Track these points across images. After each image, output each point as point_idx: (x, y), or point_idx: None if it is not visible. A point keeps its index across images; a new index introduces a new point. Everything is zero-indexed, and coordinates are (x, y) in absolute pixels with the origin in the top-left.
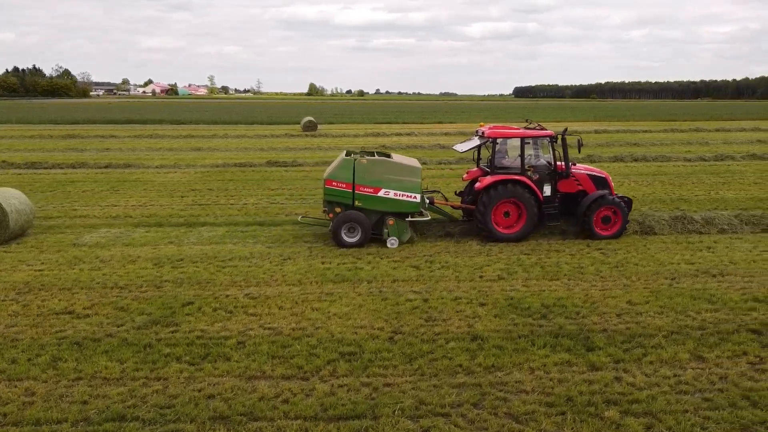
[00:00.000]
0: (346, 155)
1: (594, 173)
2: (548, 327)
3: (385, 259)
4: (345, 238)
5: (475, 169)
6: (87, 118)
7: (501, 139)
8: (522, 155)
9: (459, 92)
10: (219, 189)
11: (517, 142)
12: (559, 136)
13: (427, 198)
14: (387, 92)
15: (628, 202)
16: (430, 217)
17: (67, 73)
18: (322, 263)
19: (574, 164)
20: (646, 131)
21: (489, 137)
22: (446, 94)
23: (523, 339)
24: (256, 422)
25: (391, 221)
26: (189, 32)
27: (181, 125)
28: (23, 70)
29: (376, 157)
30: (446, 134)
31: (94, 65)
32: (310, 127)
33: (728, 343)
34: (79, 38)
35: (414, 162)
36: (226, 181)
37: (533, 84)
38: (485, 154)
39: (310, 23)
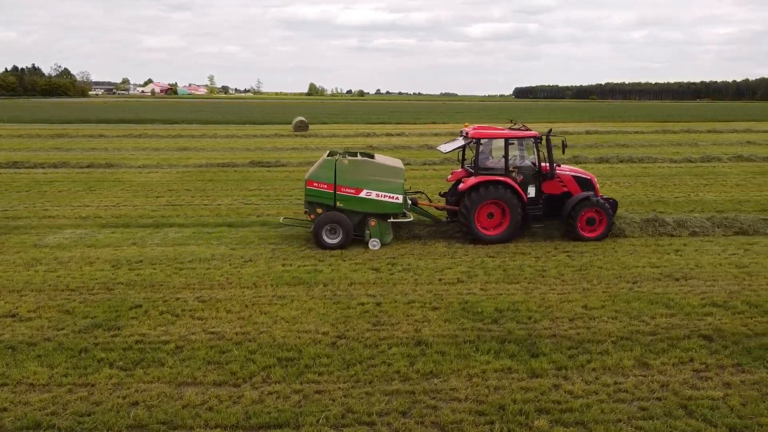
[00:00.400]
0: (329, 155)
1: (579, 174)
2: (497, 332)
3: (347, 262)
4: (326, 239)
5: (460, 169)
6: (79, 117)
7: (485, 140)
8: (506, 156)
9: (459, 92)
10: (196, 189)
11: (501, 142)
12: (544, 137)
13: (411, 199)
14: (387, 92)
15: (613, 204)
16: (412, 218)
17: (66, 72)
18: (282, 265)
19: (559, 165)
20: (637, 132)
21: (472, 138)
22: (447, 94)
23: (468, 345)
24: (174, 431)
25: (372, 222)
26: (190, 32)
27: (173, 125)
28: (22, 69)
29: (359, 157)
30: (436, 135)
31: (94, 65)
32: (301, 127)
33: (677, 349)
34: (80, 38)
35: (397, 163)
36: (205, 182)
37: (533, 84)
38: (471, 154)
39: (311, 23)
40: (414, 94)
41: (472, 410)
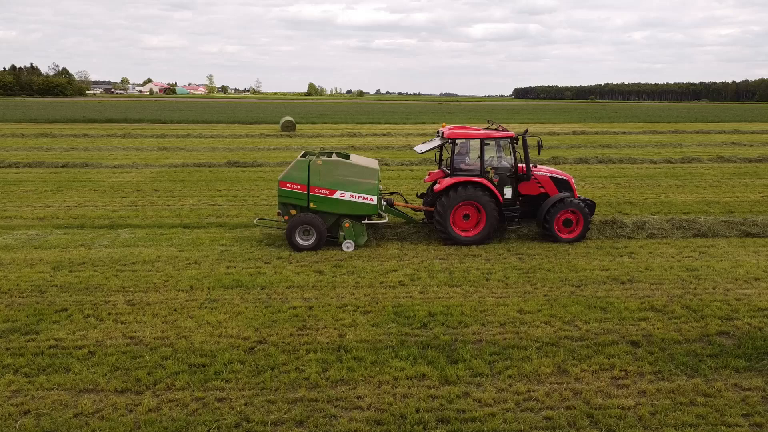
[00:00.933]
0: (303, 156)
1: (556, 175)
2: (422, 337)
3: (293, 264)
4: (299, 241)
5: (437, 170)
6: (68, 116)
7: (462, 140)
8: (482, 156)
9: (460, 93)
10: (165, 190)
11: (478, 143)
12: (520, 138)
13: (386, 200)
14: (387, 92)
15: (591, 205)
16: (387, 219)
17: (65, 71)
18: (227, 267)
19: (535, 166)
20: (624, 133)
21: (448, 138)
22: (447, 94)
23: (389, 350)
24: None
25: (346, 224)
26: (191, 31)
27: (161, 124)
28: (20, 68)
29: (333, 158)
30: (422, 135)
31: (96, 63)
32: (289, 127)
33: (600, 355)
34: (82, 36)
35: (372, 163)
36: (176, 182)
37: (534, 85)
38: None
39: (313, 23)
40: (414, 94)
41: (371, 419)
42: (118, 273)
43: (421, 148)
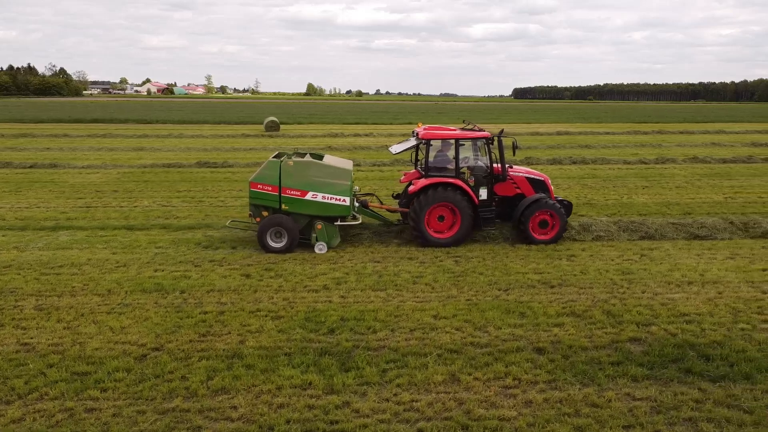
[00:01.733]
0: (275, 157)
1: (532, 176)
2: (324, 344)
3: (224, 267)
4: (271, 243)
5: (413, 170)
6: (54, 117)
7: (437, 141)
8: (456, 157)
9: (460, 93)
10: (124, 191)
11: (469, 143)
12: (496, 138)
13: (361, 201)
14: (387, 93)
15: (568, 206)
16: (361, 221)
17: (63, 71)
18: (154, 271)
19: (511, 167)
20: (608, 133)
21: (422, 138)
22: (447, 95)
23: (284, 357)
24: None
25: (319, 225)
26: (191, 31)
27: (146, 124)
28: (18, 68)
29: (307, 158)
30: (405, 135)
31: (96, 63)
32: (272, 127)
33: (500, 363)
34: (82, 36)
35: (346, 164)
36: (139, 183)
37: (533, 85)
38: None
39: (313, 23)
40: (414, 94)
41: (237, 431)
42: (41, 277)
43: (395, 148)
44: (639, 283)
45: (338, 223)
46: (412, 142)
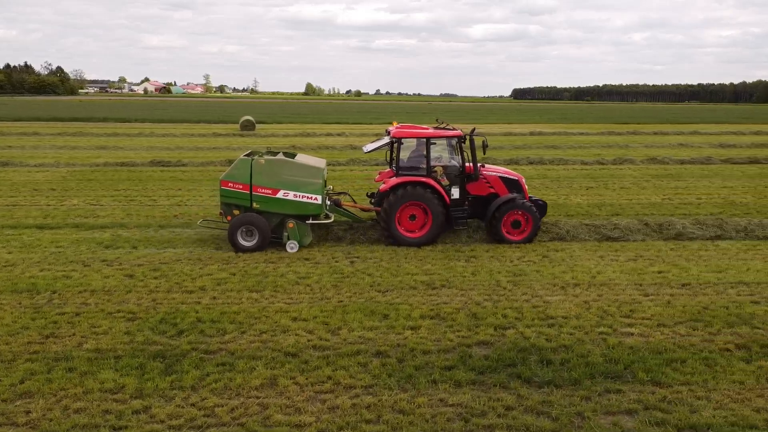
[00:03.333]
0: (247, 155)
1: (506, 175)
2: (164, 346)
3: (112, 267)
4: (242, 241)
5: (387, 170)
6: (34, 115)
7: (408, 140)
8: (428, 156)
9: (460, 93)
10: (62, 189)
11: (440, 142)
12: (467, 137)
13: (334, 200)
14: (387, 93)
15: (542, 206)
16: (333, 219)
17: (60, 70)
18: (40, 270)
19: (483, 166)
20: (582, 134)
21: (394, 137)
22: (447, 95)
23: (113, 360)
24: None
25: (290, 224)
26: (191, 31)
27: (123, 123)
28: (15, 67)
29: (278, 157)
30: (378, 135)
31: (96, 63)
32: (248, 126)
33: (330, 367)
34: (82, 36)
35: (318, 162)
36: (82, 181)
37: (533, 86)
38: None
39: (313, 23)
40: (414, 94)
41: None
42: None
43: (368, 147)
44: (523, 285)
45: (310, 221)
46: (385, 140)
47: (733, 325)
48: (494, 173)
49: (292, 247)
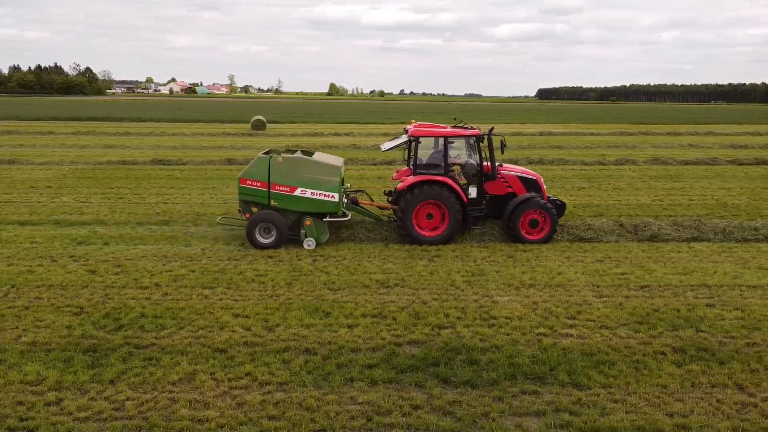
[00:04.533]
0: (265, 153)
1: (524, 175)
2: (98, 340)
3: (78, 263)
4: (260, 238)
5: (405, 168)
6: (51, 114)
7: (426, 138)
8: (445, 155)
9: (484, 93)
10: (57, 187)
11: (458, 141)
12: (485, 136)
13: (351, 198)
14: (411, 93)
15: (561, 206)
16: (350, 217)
17: (88, 71)
18: (8, 265)
19: (501, 165)
20: (593, 134)
21: (412, 136)
22: (471, 95)
23: (43, 353)
24: None
25: (308, 221)
26: (217, 31)
27: (139, 122)
28: (46, 68)
29: (296, 155)
30: (385, 135)
31: (125, 63)
32: (259, 126)
33: (253, 363)
34: (110, 36)
35: (336, 161)
36: (81, 179)
37: (558, 86)
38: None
39: (337, 23)
40: (438, 94)
41: None
42: None
43: (386, 145)
44: (479, 285)
45: (327, 219)
46: (403, 139)
47: (677, 328)
48: (512, 172)
49: (309, 244)
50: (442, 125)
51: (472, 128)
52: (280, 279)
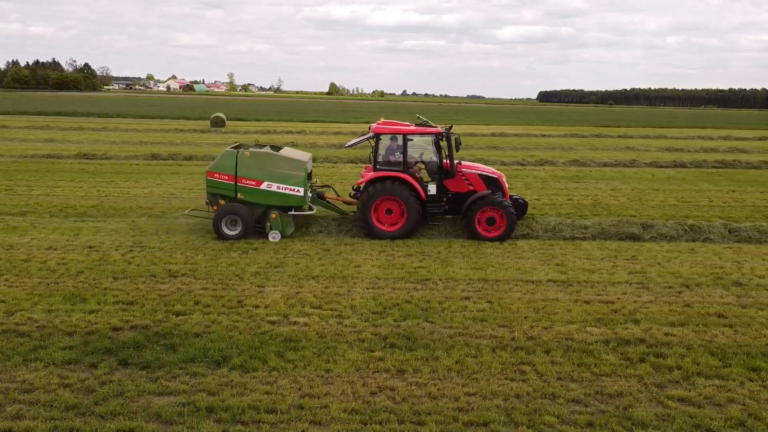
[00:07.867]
0: (233, 147)
1: (486, 173)
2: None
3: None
4: (226, 230)
5: (370, 165)
6: (19, 109)
7: (389, 136)
8: (404, 152)
9: (487, 95)
10: None
11: (418, 139)
12: (444, 135)
13: (317, 192)
14: (414, 93)
15: (522, 205)
16: (315, 211)
17: (87, 67)
18: None
19: (460, 163)
20: (543, 135)
21: (373, 133)
22: (474, 96)
23: None
24: None
25: (273, 215)
26: (222, 30)
27: (104, 118)
28: (43, 63)
29: (264, 149)
30: (336, 134)
31: (129, 60)
32: (218, 123)
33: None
34: (116, 34)
35: (302, 156)
36: None
37: (561, 89)
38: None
39: (342, 23)
40: (441, 95)
41: None
42: None
43: (349, 142)
44: (394, 279)
45: (292, 212)
46: (365, 136)
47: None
48: (474, 171)
49: (274, 236)
50: (406, 123)
51: (433, 126)
52: (205, 271)
